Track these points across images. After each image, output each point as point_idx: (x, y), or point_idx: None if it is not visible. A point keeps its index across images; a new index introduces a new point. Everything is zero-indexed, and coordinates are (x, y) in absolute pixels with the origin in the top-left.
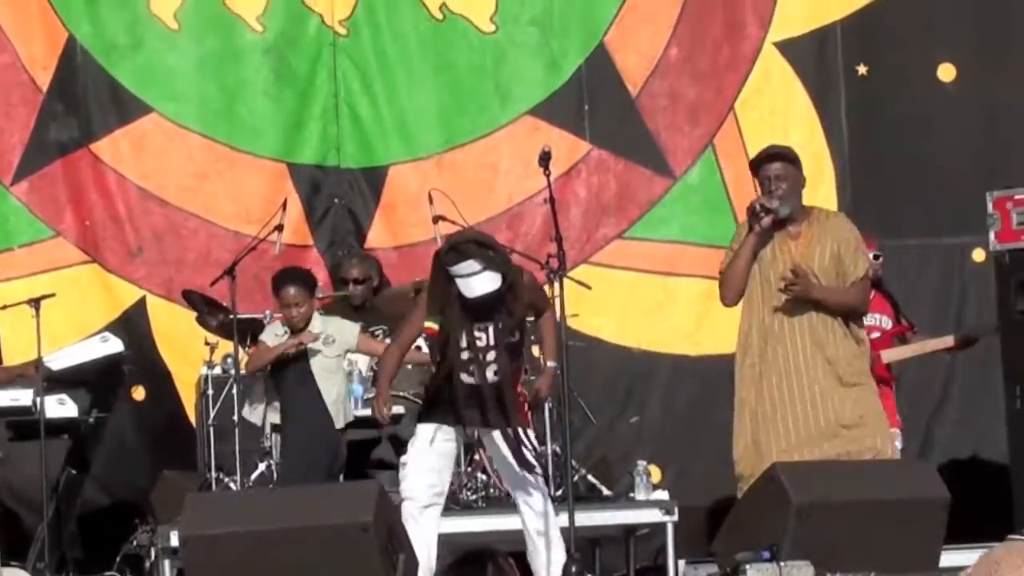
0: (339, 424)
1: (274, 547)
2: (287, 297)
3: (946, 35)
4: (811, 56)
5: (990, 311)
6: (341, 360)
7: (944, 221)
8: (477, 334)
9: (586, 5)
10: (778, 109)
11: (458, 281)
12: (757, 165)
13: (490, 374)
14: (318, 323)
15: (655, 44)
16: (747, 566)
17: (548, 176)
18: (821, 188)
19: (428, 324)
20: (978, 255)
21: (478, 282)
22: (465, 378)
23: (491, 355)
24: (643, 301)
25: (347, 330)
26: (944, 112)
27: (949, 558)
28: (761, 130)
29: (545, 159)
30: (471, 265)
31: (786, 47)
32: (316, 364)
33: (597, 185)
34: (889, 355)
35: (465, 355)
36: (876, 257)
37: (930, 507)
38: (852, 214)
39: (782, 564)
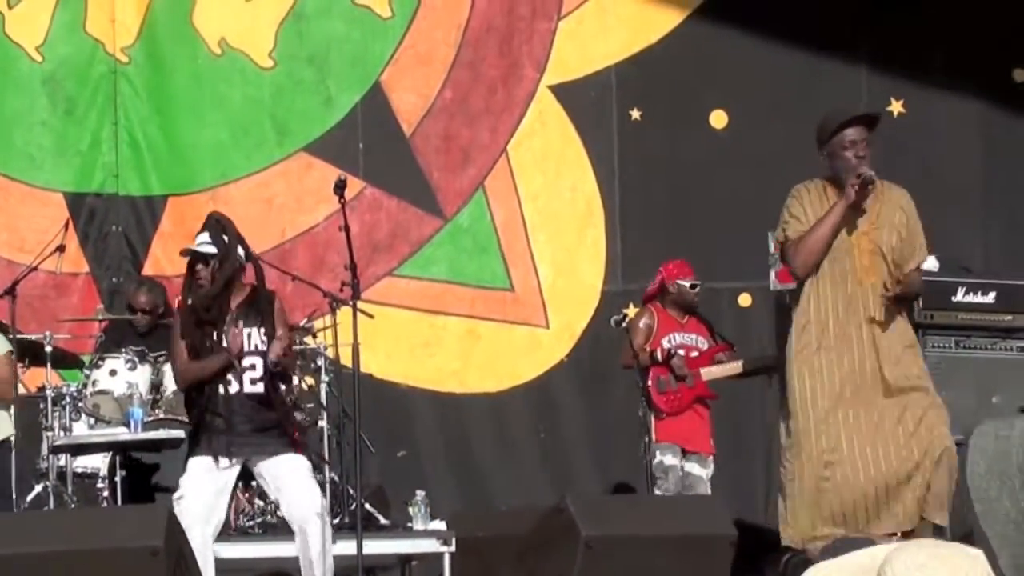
0: None
1: (60, 570)
2: None
3: (718, 82)
4: (585, 100)
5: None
6: None
7: (713, 266)
8: (248, 332)
9: (363, 44)
10: (551, 152)
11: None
12: (840, 128)
13: (248, 382)
14: None
15: (430, 85)
16: None
17: (344, 204)
18: (591, 231)
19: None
20: (744, 300)
21: (199, 248)
22: (222, 388)
23: (249, 360)
24: (410, 338)
25: None
26: (715, 158)
27: None
28: (533, 173)
29: (340, 187)
30: (202, 236)
31: (560, 91)
32: None
33: (369, 223)
34: (709, 373)
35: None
36: (693, 287)
37: (717, 543)
38: (623, 259)
39: None
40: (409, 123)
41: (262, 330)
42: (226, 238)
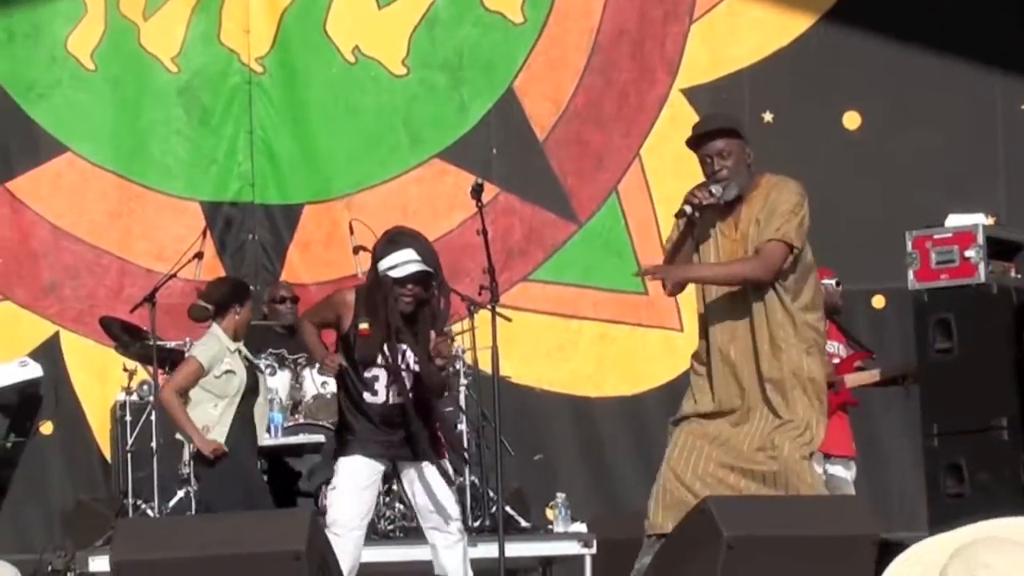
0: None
1: (206, 574)
2: None
3: (851, 83)
4: (717, 103)
5: (898, 356)
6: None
7: (846, 268)
8: (403, 348)
9: (496, 50)
10: (684, 156)
11: (391, 268)
12: (696, 143)
13: (393, 395)
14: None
15: (563, 90)
16: None
17: (481, 208)
18: None
19: (362, 325)
20: (878, 301)
21: (410, 266)
22: (392, 398)
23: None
24: (546, 342)
25: None
26: (848, 159)
27: None
28: (666, 177)
29: (478, 191)
30: (408, 253)
31: (693, 94)
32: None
33: (503, 228)
34: (853, 380)
35: (387, 372)
36: (837, 284)
37: (860, 544)
38: None
39: None
40: (542, 128)
41: (406, 348)
42: (426, 249)
